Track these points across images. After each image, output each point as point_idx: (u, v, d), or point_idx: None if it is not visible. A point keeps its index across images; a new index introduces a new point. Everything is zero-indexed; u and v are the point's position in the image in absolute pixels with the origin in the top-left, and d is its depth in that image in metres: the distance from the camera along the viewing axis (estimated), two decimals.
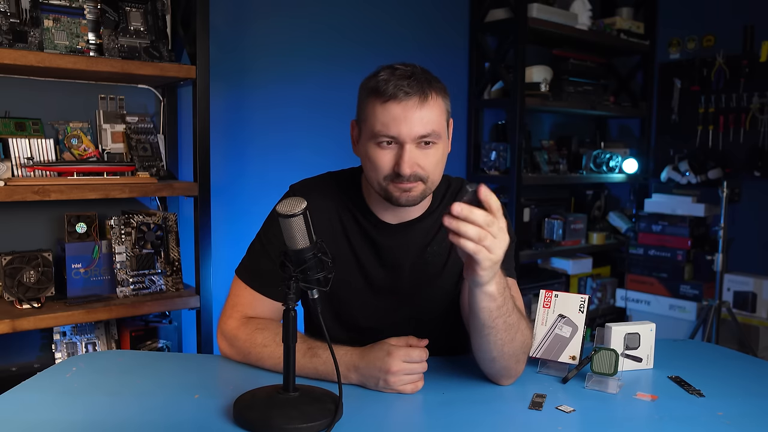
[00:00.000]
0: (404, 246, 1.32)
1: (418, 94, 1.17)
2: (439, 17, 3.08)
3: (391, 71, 1.19)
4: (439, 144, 1.22)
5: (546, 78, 3.16)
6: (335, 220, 1.33)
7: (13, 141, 1.89)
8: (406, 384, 1.14)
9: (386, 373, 1.12)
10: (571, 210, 3.65)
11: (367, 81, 1.23)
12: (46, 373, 1.22)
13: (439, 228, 1.32)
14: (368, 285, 1.34)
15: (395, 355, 1.13)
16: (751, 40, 3.33)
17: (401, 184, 1.20)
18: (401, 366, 1.12)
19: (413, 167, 1.19)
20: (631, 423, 1.09)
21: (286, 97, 2.62)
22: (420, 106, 1.17)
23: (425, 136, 1.18)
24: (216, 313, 2.17)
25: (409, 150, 1.18)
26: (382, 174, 1.21)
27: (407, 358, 1.13)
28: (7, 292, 1.89)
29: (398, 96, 1.16)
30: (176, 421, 1.04)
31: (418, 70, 1.21)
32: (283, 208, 1.00)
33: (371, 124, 1.20)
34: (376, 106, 1.19)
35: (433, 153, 1.21)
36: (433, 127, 1.19)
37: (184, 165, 2.32)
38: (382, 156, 1.20)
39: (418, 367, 1.14)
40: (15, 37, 1.80)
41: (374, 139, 1.20)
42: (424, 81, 1.19)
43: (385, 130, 1.18)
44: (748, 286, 3.21)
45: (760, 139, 3.30)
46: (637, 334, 1.30)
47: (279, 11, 2.57)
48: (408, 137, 1.17)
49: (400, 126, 1.17)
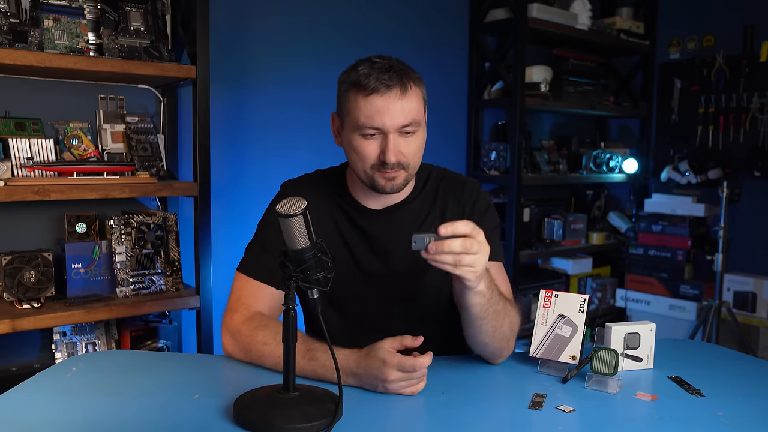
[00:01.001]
0: (391, 231, 1.37)
1: (398, 86, 1.24)
2: (438, 17, 3.08)
3: (370, 64, 1.26)
4: (419, 131, 1.29)
5: (546, 78, 3.16)
6: (326, 213, 1.39)
7: (13, 141, 1.89)
8: (405, 389, 1.14)
9: (384, 382, 1.13)
10: (571, 210, 3.65)
11: (347, 75, 1.29)
12: (46, 373, 1.22)
13: (426, 215, 1.39)
14: (360, 272, 1.37)
15: (390, 364, 1.12)
16: (751, 40, 3.33)
17: (386, 172, 1.27)
18: (397, 375, 1.12)
19: (398, 155, 1.26)
20: (631, 423, 1.09)
21: (286, 97, 2.62)
22: (401, 97, 1.24)
23: (407, 125, 1.25)
24: (216, 313, 2.17)
25: (393, 139, 1.25)
26: (369, 163, 1.27)
27: (401, 367, 1.12)
28: (7, 292, 1.89)
29: (380, 89, 1.23)
30: (176, 421, 1.04)
31: (395, 61, 1.28)
32: (283, 208, 1.00)
33: (355, 116, 1.26)
34: (358, 99, 1.25)
35: (414, 140, 1.28)
36: (414, 116, 1.26)
37: (184, 165, 2.32)
38: (367, 146, 1.26)
39: (415, 374, 1.13)
40: (15, 37, 1.80)
41: (359, 130, 1.26)
42: (402, 73, 1.25)
43: (369, 122, 1.24)
44: (748, 286, 3.21)
45: (760, 139, 3.30)
46: (637, 334, 1.30)
47: (279, 11, 2.57)
48: (391, 127, 1.24)
49: (383, 117, 1.23)
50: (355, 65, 1.29)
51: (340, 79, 1.32)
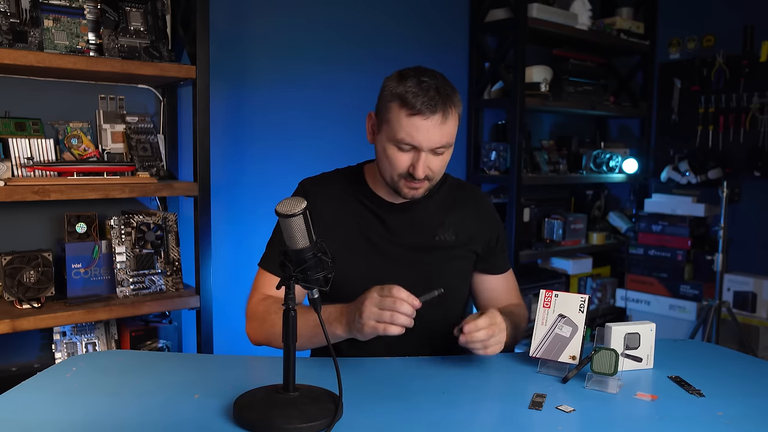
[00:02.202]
0: (409, 223, 1.46)
1: (441, 112, 1.30)
2: (439, 17, 3.08)
3: (418, 83, 1.30)
4: (449, 149, 1.37)
5: (546, 78, 3.16)
6: (347, 205, 1.46)
7: (13, 141, 1.89)
8: (379, 326, 1.16)
9: (360, 315, 1.18)
10: (571, 210, 3.65)
11: (394, 85, 1.33)
12: (46, 373, 1.22)
13: (442, 220, 1.48)
14: (383, 260, 1.43)
15: (368, 296, 1.19)
16: (751, 40, 3.33)
17: (412, 183, 1.35)
18: (371, 308, 1.17)
19: (426, 171, 1.34)
20: (631, 423, 1.09)
21: (286, 98, 2.62)
22: (442, 123, 1.31)
23: (441, 147, 1.33)
24: (216, 313, 2.18)
25: (425, 157, 1.33)
26: (397, 172, 1.35)
27: (380, 302, 1.17)
28: (7, 292, 1.89)
29: (424, 113, 1.29)
30: (176, 421, 1.04)
31: (440, 82, 1.33)
32: (282, 208, 1.00)
33: (394, 129, 1.32)
34: (401, 115, 1.31)
35: (443, 157, 1.37)
36: (449, 138, 1.34)
37: (184, 165, 2.32)
38: (399, 157, 1.33)
39: (387, 311, 1.16)
40: (15, 37, 1.80)
41: (395, 142, 1.33)
42: (447, 98, 1.31)
43: (408, 139, 1.31)
44: (748, 286, 3.21)
45: (760, 139, 3.30)
46: (637, 334, 1.30)
47: (279, 11, 2.57)
48: (427, 148, 1.32)
49: (422, 138, 1.30)
50: (402, 76, 1.33)
51: (385, 84, 1.36)
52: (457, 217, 1.49)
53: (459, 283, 1.52)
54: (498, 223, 1.57)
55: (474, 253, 1.51)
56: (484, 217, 1.54)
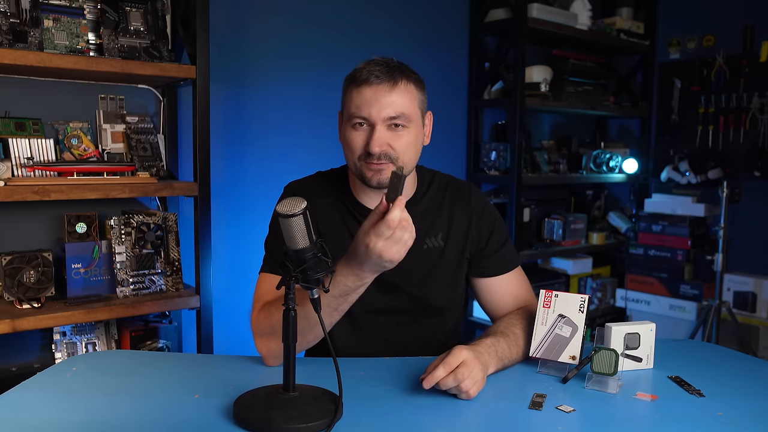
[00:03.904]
0: None
1: (388, 79, 1.28)
2: (439, 17, 3.08)
3: (369, 61, 1.31)
4: (410, 128, 1.30)
5: (546, 78, 3.16)
6: (333, 212, 1.41)
7: (13, 141, 1.89)
8: (382, 243, 1.08)
9: (366, 246, 1.09)
10: (571, 210, 3.65)
11: (349, 74, 1.34)
12: (46, 373, 1.22)
13: (433, 220, 1.42)
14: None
15: (365, 228, 1.10)
16: (751, 40, 3.33)
17: (372, 164, 1.29)
18: (375, 238, 1.08)
19: (383, 146, 1.27)
20: (631, 423, 1.09)
21: (287, 97, 2.62)
22: (390, 90, 1.27)
23: (394, 117, 1.28)
24: (216, 313, 2.18)
25: (379, 130, 1.27)
26: (356, 153, 1.30)
27: (377, 230, 1.08)
28: (7, 292, 1.89)
29: (370, 80, 1.27)
30: (176, 421, 1.04)
31: (394, 61, 1.32)
32: (282, 209, 1.00)
33: (348, 108, 1.31)
34: (351, 91, 1.30)
35: (404, 135, 1.30)
36: (402, 110, 1.28)
37: (184, 165, 2.32)
38: (355, 136, 1.30)
39: (390, 229, 1.07)
40: (15, 37, 1.80)
41: (350, 121, 1.30)
42: (396, 69, 1.30)
43: (357, 112, 1.28)
44: (748, 286, 3.21)
45: (760, 139, 3.30)
46: (637, 334, 1.30)
47: (279, 11, 2.57)
48: (378, 118, 1.27)
49: (370, 107, 1.27)
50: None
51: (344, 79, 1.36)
52: (446, 219, 1.43)
53: (450, 291, 1.44)
54: (491, 219, 1.47)
55: (465, 259, 1.44)
56: (474, 214, 1.45)
